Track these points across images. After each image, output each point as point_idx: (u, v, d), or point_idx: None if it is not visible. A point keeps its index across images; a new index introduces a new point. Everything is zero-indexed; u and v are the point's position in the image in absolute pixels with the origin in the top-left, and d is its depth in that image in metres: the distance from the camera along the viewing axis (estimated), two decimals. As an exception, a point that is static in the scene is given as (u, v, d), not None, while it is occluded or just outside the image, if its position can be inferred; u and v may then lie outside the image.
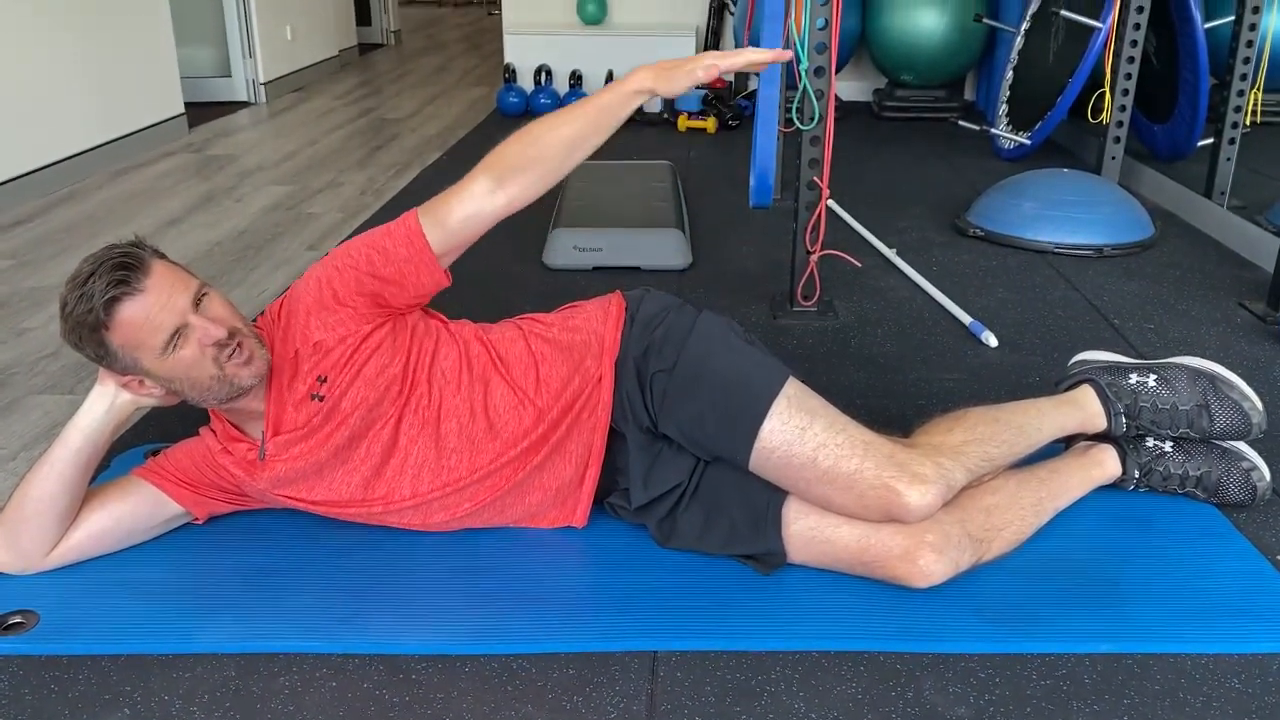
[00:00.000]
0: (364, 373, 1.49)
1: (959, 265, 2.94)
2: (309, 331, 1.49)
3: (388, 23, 8.43)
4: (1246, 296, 2.65)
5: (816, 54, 2.37)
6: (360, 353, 1.49)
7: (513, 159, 1.49)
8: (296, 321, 1.50)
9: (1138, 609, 1.45)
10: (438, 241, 1.49)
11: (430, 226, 1.48)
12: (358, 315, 1.49)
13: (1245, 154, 3.28)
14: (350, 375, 1.49)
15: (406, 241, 1.48)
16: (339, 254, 1.51)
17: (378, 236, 1.49)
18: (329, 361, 1.49)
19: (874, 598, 1.46)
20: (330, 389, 1.49)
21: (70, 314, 1.37)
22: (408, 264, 1.49)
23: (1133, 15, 3.42)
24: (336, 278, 1.49)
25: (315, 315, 1.49)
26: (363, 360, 1.49)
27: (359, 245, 1.50)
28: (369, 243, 1.49)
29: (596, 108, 1.50)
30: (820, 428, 1.46)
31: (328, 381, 1.49)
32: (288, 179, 4.08)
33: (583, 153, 1.51)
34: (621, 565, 1.55)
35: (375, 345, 1.50)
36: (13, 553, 1.49)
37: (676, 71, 1.50)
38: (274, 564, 1.56)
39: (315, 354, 1.49)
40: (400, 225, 1.49)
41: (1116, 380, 1.70)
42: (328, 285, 1.49)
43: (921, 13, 4.71)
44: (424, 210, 1.50)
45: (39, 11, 3.81)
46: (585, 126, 1.49)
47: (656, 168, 3.72)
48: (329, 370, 1.49)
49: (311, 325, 1.49)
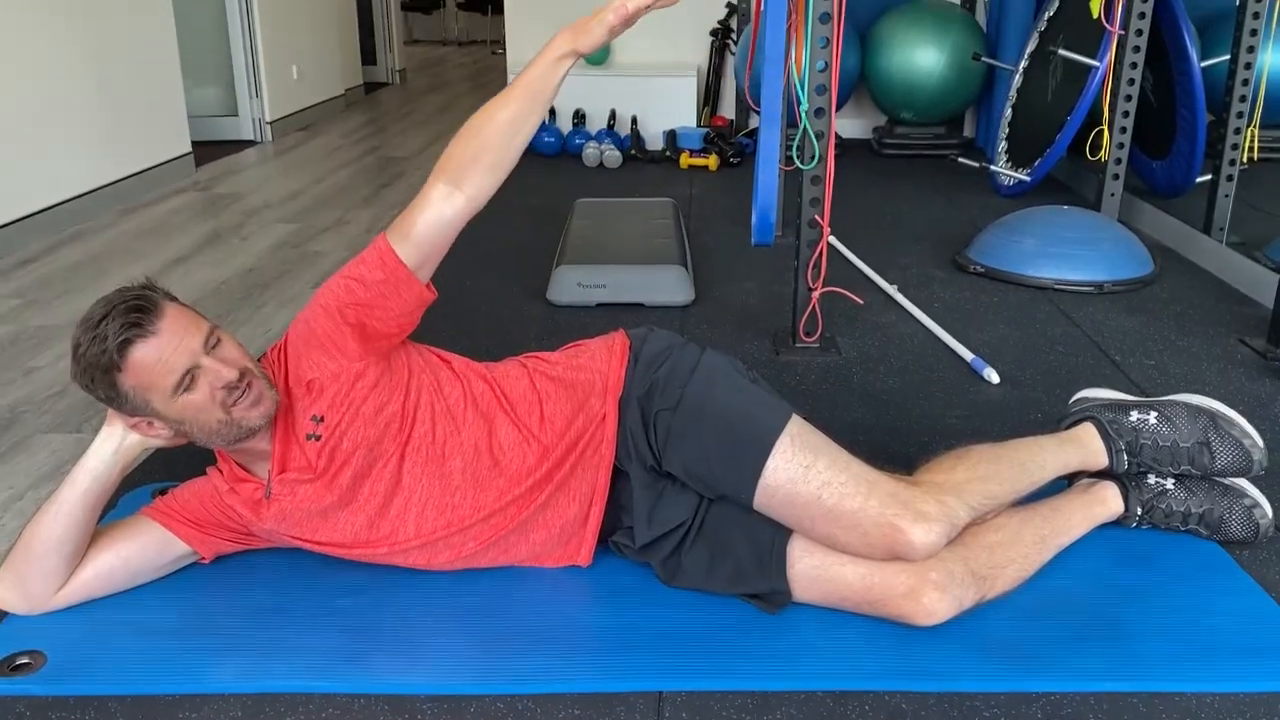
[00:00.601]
0: (362, 411, 1.50)
1: (960, 302, 2.95)
2: (301, 371, 1.51)
3: (393, 62, 8.52)
4: (1247, 333, 2.67)
5: (816, 95, 2.40)
6: (356, 390, 1.51)
7: (460, 156, 1.50)
8: (291, 363, 1.53)
9: (1142, 647, 1.45)
10: (409, 256, 1.49)
11: (398, 242, 1.49)
12: (347, 351, 1.50)
13: (1243, 190, 3.30)
14: (348, 414, 1.50)
15: (379, 264, 1.48)
16: (322, 292, 1.52)
17: (353, 267, 1.51)
18: (324, 400, 1.50)
19: (879, 637, 1.46)
20: (327, 428, 1.50)
21: (83, 355, 1.38)
22: (385, 285, 1.49)
23: (1130, 54, 3.46)
24: (320, 314, 1.50)
25: (305, 355, 1.51)
26: (360, 398, 1.50)
27: (336, 279, 1.51)
28: (345, 274, 1.51)
29: (525, 84, 1.51)
30: (824, 465, 1.47)
31: (324, 421, 1.50)
32: (294, 217, 4.11)
33: (525, 133, 1.52)
34: (626, 604, 1.56)
35: (371, 383, 1.51)
36: (20, 593, 1.49)
37: (589, 25, 1.52)
38: (280, 604, 1.57)
39: (309, 393, 1.51)
40: (371, 250, 1.50)
41: (1117, 418, 1.71)
42: (315, 323, 1.50)
43: (920, 51, 4.76)
44: (390, 230, 1.51)
45: (48, 52, 3.86)
46: (521, 105, 1.51)
47: (659, 205, 3.75)
48: (324, 409, 1.50)
49: (303, 365, 1.51)
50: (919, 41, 4.77)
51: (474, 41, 12.15)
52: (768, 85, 2.35)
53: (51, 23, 3.87)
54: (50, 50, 3.87)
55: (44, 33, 3.83)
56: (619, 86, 5.34)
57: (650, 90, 5.31)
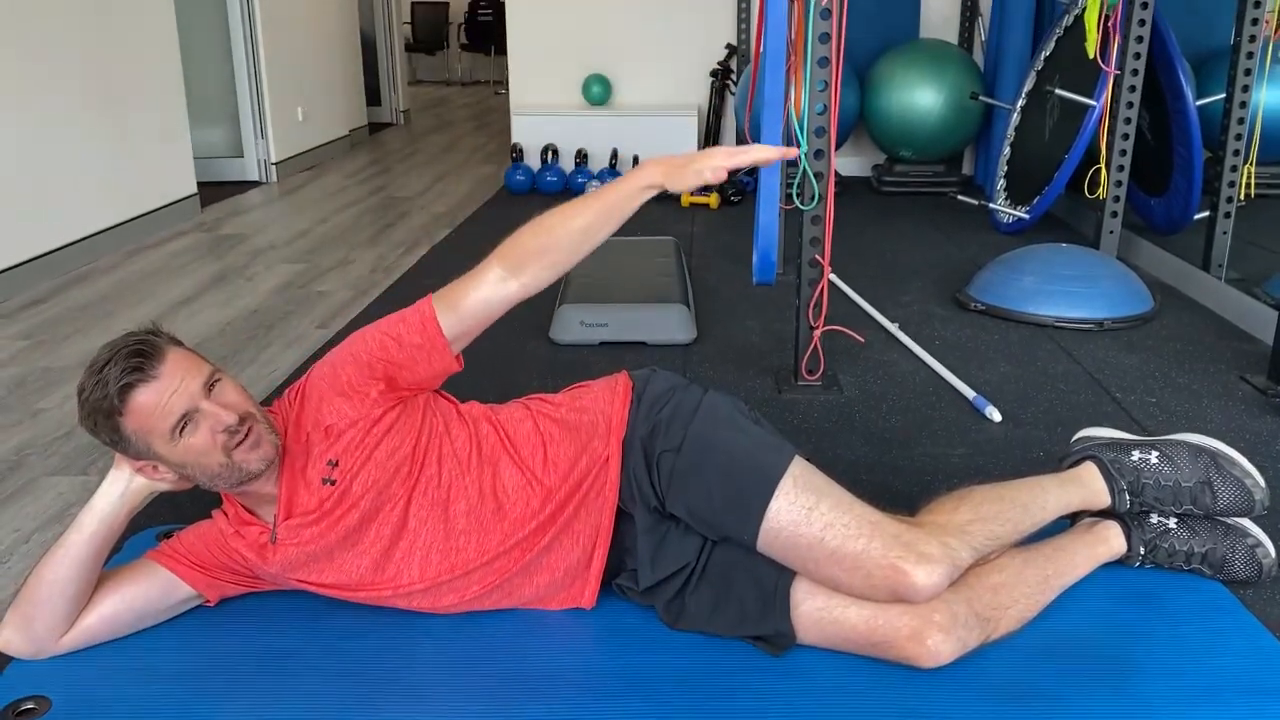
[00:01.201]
0: (375, 455, 1.51)
1: (961, 339, 2.97)
2: (320, 416, 1.52)
3: (397, 102, 8.60)
4: (1247, 369, 2.68)
5: (815, 137, 2.43)
6: (372, 435, 1.52)
7: (526, 247, 1.53)
8: (310, 406, 1.53)
9: (1147, 687, 1.45)
10: (450, 327, 1.52)
11: (444, 312, 1.52)
12: (369, 399, 1.52)
13: (1241, 227, 3.33)
14: (361, 458, 1.51)
15: (420, 328, 1.52)
16: (355, 340, 1.54)
17: (393, 323, 1.53)
18: (340, 445, 1.51)
19: (884, 679, 1.46)
20: (341, 472, 1.51)
21: (87, 400, 1.40)
22: (420, 350, 1.52)
23: (1126, 93, 3.50)
24: (351, 364, 1.52)
25: (328, 401, 1.52)
26: (374, 443, 1.52)
27: (374, 333, 1.53)
28: (385, 330, 1.53)
29: (606, 202, 1.53)
30: (827, 507, 1.48)
31: (339, 465, 1.51)
32: (299, 257, 4.14)
33: (593, 243, 1.55)
34: (630, 647, 1.56)
35: (387, 427, 1.53)
36: (26, 637, 1.50)
37: (685, 170, 1.53)
38: (285, 647, 1.57)
39: (326, 438, 1.52)
40: (415, 312, 1.53)
41: (1119, 457, 1.71)
42: (343, 371, 1.52)
43: (919, 91, 4.81)
44: (438, 296, 1.54)
45: (56, 94, 3.91)
46: (596, 219, 1.53)
47: (661, 243, 3.78)
48: (340, 454, 1.51)
49: (324, 410, 1.52)
50: (918, 81, 4.82)
51: (477, 82, 12.28)
52: (767, 127, 2.39)
53: (59, 65, 3.92)
54: (57, 92, 3.92)
55: (51, 75, 3.88)
56: (621, 125, 5.40)
57: (651, 129, 5.37)
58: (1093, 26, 3.41)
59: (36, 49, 3.78)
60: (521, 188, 5.30)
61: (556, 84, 5.69)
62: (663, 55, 5.62)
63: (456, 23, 12.20)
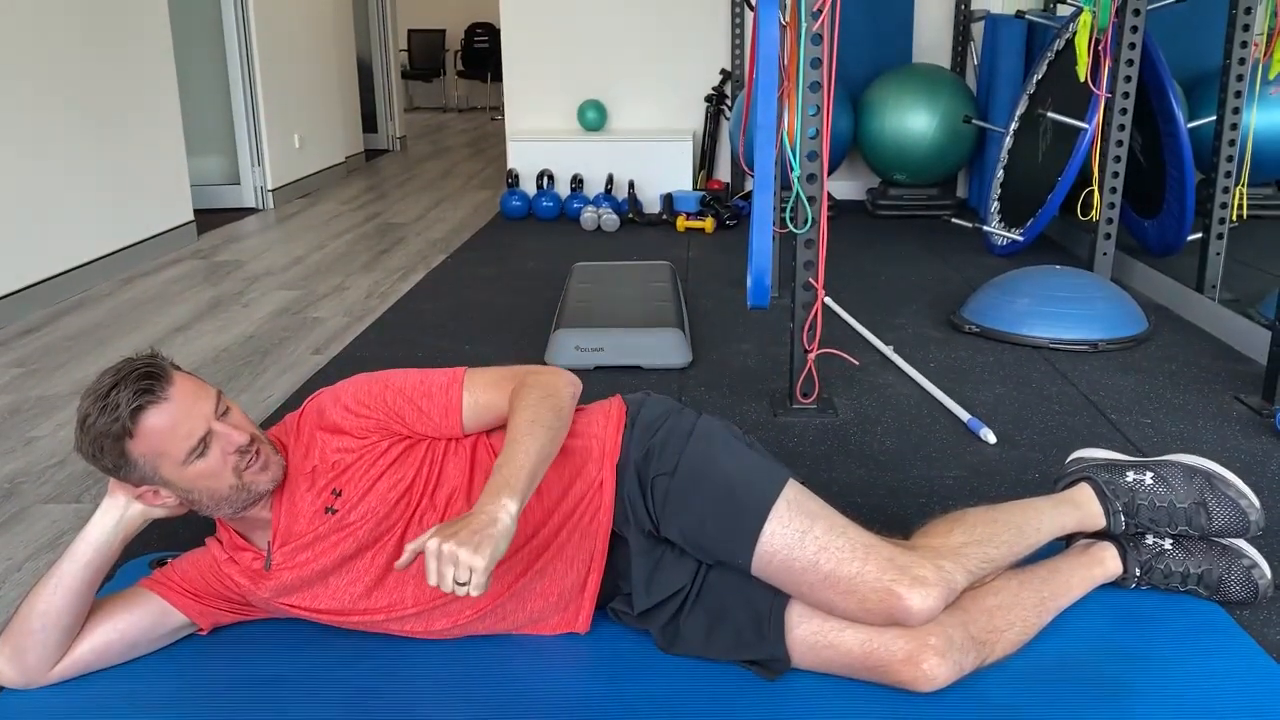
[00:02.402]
0: (377, 486, 1.52)
1: (956, 361, 2.97)
2: (327, 452, 1.53)
3: (393, 129, 8.65)
4: (1241, 390, 2.68)
5: (808, 161, 2.44)
6: (376, 468, 1.52)
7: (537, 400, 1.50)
8: (317, 439, 1.54)
9: (1143, 709, 1.44)
10: (468, 417, 1.56)
11: (469, 404, 1.55)
12: (372, 437, 1.54)
13: (1234, 247, 3.34)
14: (364, 488, 1.51)
15: (443, 411, 1.54)
16: (375, 392, 1.55)
17: (418, 395, 1.54)
18: (346, 476, 1.52)
19: (879, 703, 1.45)
20: (344, 502, 1.51)
21: (92, 425, 1.39)
22: (434, 424, 1.55)
23: (1117, 116, 3.52)
24: (366, 415, 1.53)
25: (335, 439, 1.53)
26: (378, 474, 1.52)
27: (396, 396, 1.54)
28: (408, 396, 1.54)
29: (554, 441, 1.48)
30: (821, 530, 1.47)
31: (342, 495, 1.51)
32: (294, 284, 4.15)
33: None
34: (625, 672, 1.55)
35: (391, 460, 1.54)
36: (17, 667, 1.49)
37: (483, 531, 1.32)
38: (278, 674, 1.56)
39: (333, 470, 1.52)
40: (443, 393, 1.55)
41: (1114, 478, 1.71)
42: (355, 417, 1.54)
43: (912, 115, 4.84)
44: (469, 383, 1.56)
45: (54, 121, 3.93)
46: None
47: (656, 268, 3.79)
48: (345, 484, 1.51)
49: (330, 446, 1.53)
50: (911, 105, 4.85)
51: (473, 108, 12.34)
52: (760, 152, 2.40)
53: (56, 93, 3.94)
54: (53, 119, 3.93)
55: (48, 101, 3.89)
56: (616, 151, 5.42)
57: (647, 154, 5.39)
58: (1083, 50, 3.43)
59: (33, 75, 3.80)
60: (517, 213, 5.32)
61: (552, 110, 5.72)
62: (658, 81, 5.65)
63: (453, 49, 12.28)
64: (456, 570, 1.26)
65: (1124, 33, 3.44)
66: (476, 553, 1.26)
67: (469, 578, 1.26)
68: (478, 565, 1.26)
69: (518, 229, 5.10)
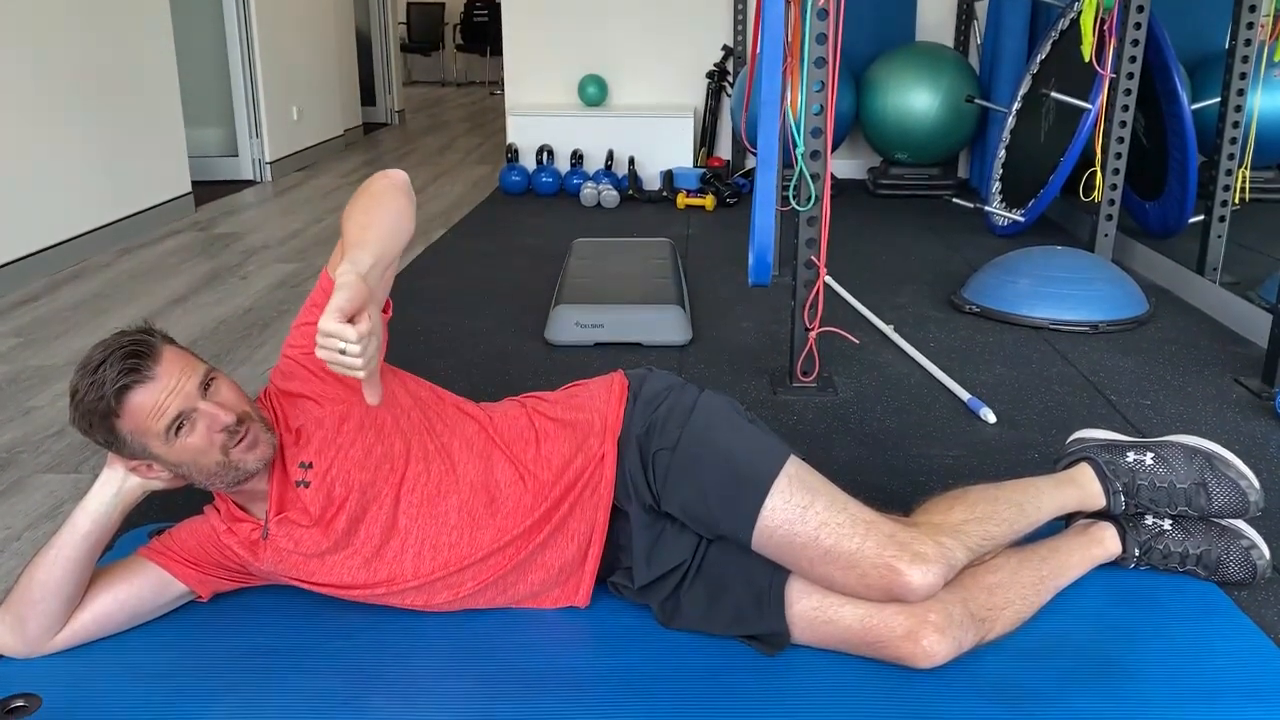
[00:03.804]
0: (350, 454, 1.51)
1: (956, 341, 2.97)
2: (289, 419, 1.54)
3: (392, 102, 8.60)
4: (1241, 372, 2.68)
5: (812, 138, 2.43)
6: (342, 434, 1.51)
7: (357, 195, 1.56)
8: (278, 408, 1.55)
9: (1141, 689, 1.45)
10: None
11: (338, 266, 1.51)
12: (328, 394, 1.53)
13: (1236, 230, 3.33)
14: (337, 458, 1.51)
15: (325, 294, 1.46)
16: (291, 334, 1.58)
17: (304, 311, 1.56)
18: (312, 447, 1.51)
19: (879, 679, 1.46)
20: (316, 474, 1.50)
21: (81, 401, 1.39)
22: None
23: (1121, 97, 3.51)
24: (292, 363, 1.55)
25: (289, 403, 1.55)
26: (347, 442, 1.51)
27: (293, 329, 1.57)
28: (298, 322, 1.56)
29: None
30: (822, 506, 1.47)
31: (313, 467, 1.51)
32: (292, 257, 4.13)
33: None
34: (624, 646, 1.55)
35: (357, 425, 1.52)
36: (18, 636, 1.49)
37: None
38: (276, 645, 1.56)
39: (297, 441, 1.52)
40: (317, 289, 1.56)
41: (1114, 459, 1.71)
42: (288, 371, 1.55)
43: (915, 94, 4.82)
44: (331, 265, 1.55)
45: (52, 92, 3.90)
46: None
47: (656, 245, 3.78)
48: (312, 455, 1.51)
49: (290, 412, 1.54)
50: (913, 84, 4.83)
51: (472, 82, 12.28)
52: (763, 128, 2.38)
53: (53, 63, 3.91)
54: (52, 91, 3.90)
55: (45, 73, 3.86)
56: (616, 127, 5.40)
57: (647, 131, 5.37)
58: (1088, 30, 3.41)
59: (31, 46, 3.76)
60: (517, 188, 5.29)
61: (552, 85, 5.68)
62: (659, 56, 5.62)
63: (452, 23, 12.20)
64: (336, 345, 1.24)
65: (1130, 12, 3.43)
66: (327, 316, 1.23)
67: (344, 345, 1.24)
68: (338, 329, 1.23)
69: (517, 205, 5.08)
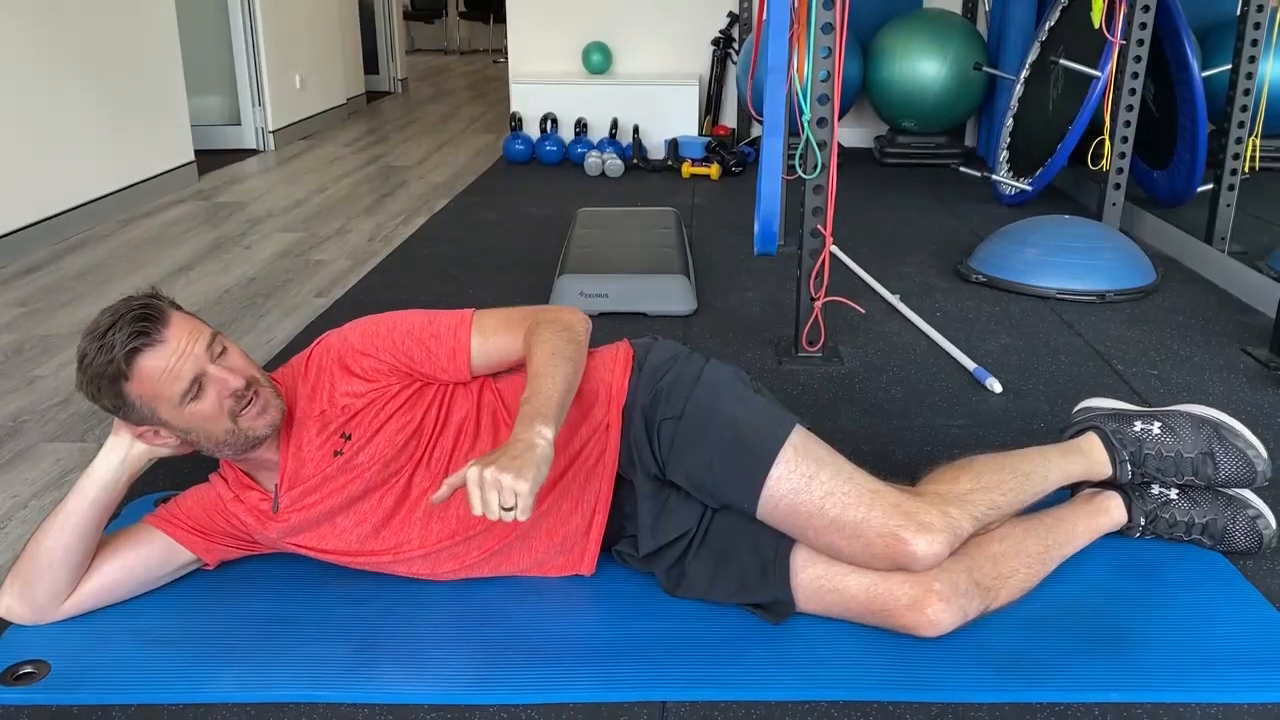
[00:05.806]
0: (385, 429, 1.51)
1: (962, 311, 2.96)
2: (335, 395, 1.52)
3: (395, 71, 8.54)
4: (1249, 342, 2.67)
5: (819, 105, 2.41)
6: (385, 411, 1.52)
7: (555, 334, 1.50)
8: (325, 381, 1.53)
9: (1147, 658, 1.45)
10: (477, 358, 1.55)
11: (477, 345, 1.54)
12: (382, 380, 1.53)
13: (1245, 200, 3.31)
14: (372, 431, 1.51)
15: (451, 353, 1.53)
16: (382, 333, 1.54)
17: (426, 336, 1.53)
18: (355, 421, 1.51)
19: (883, 647, 1.46)
20: (353, 446, 1.51)
21: (89, 365, 1.38)
22: (441, 365, 1.54)
23: (1131, 64, 3.47)
24: (374, 357, 1.53)
25: (345, 382, 1.52)
26: (386, 418, 1.52)
27: (404, 337, 1.53)
28: (417, 337, 1.53)
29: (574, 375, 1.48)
30: (827, 475, 1.47)
31: (351, 439, 1.51)
32: (296, 226, 4.12)
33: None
34: (630, 614, 1.56)
35: (400, 404, 1.53)
36: (27, 603, 1.49)
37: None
38: (283, 613, 1.57)
39: (343, 415, 1.51)
40: (450, 335, 1.53)
41: (1121, 428, 1.71)
42: (364, 359, 1.53)
43: (922, 61, 4.77)
44: (477, 324, 1.54)
45: (53, 61, 3.88)
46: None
47: (661, 214, 3.75)
48: (354, 428, 1.51)
49: (339, 389, 1.52)
50: (921, 51, 4.78)
51: (475, 50, 12.19)
52: (770, 95, 2.36)
53: (55, 33, 3.88)
54: (53, 60, 3.88)
55: (47, 43, 3.84)
56: (621, 95, 5.36)
57: (652, 99, 5.33)
58: (1099, -4, 3.37)
59: (33, 14, 3.74)
60: (520, 157, 5.27)
61: (556, 52, 5.64)
62: (664, 24, 5.56)
63: (455, -9, 12.10)
64: (501, 495, 1.27)
65: (1141, -22, 3.38)
66: (520, 476, 1.27)
67: (514, 502, 1.27)
68: (521, 488, 1.27)
69: (521, 173, 5.05)
